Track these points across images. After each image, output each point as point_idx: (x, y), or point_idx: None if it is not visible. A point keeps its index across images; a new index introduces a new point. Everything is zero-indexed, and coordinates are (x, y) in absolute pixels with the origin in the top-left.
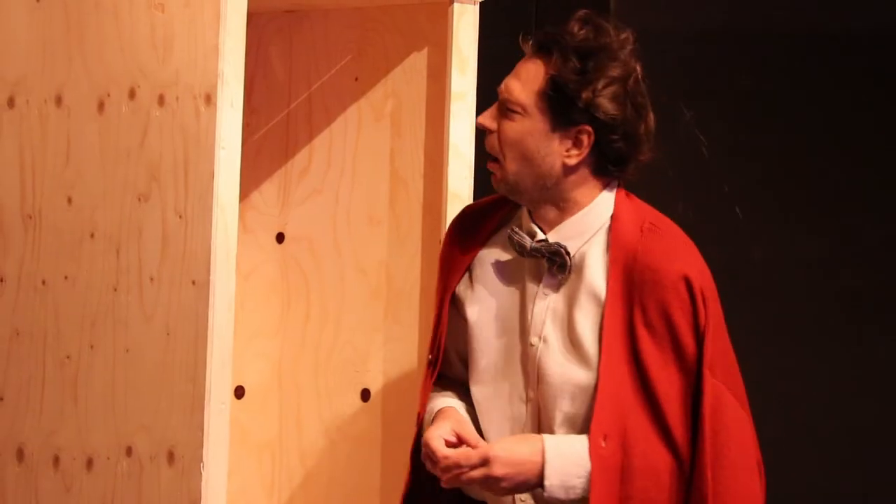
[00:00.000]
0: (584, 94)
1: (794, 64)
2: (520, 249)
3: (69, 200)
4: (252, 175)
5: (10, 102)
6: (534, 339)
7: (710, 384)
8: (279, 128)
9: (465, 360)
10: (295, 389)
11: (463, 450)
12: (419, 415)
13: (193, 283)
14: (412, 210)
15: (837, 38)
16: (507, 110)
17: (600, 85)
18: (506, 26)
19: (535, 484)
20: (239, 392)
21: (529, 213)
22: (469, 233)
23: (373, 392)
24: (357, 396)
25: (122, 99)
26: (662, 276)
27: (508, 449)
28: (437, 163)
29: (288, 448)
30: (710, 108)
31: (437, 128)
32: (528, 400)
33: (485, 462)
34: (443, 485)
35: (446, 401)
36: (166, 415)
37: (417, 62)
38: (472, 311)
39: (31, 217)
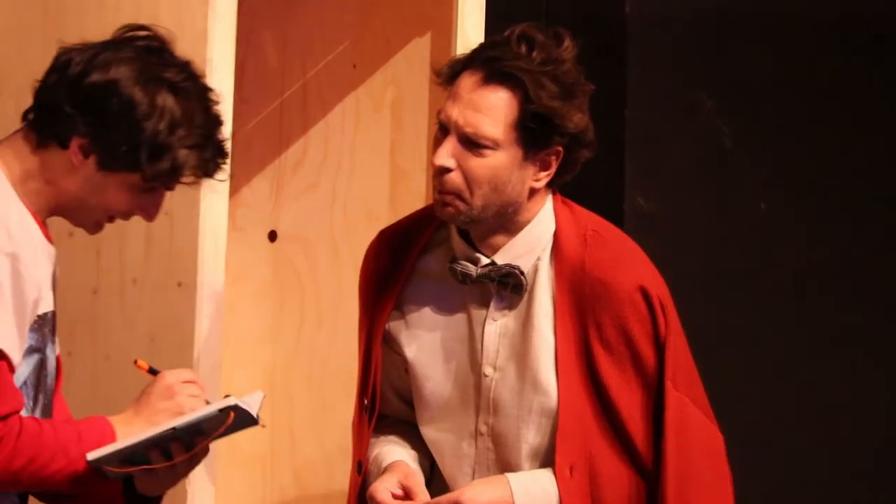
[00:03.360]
0: (567, 118)
1: (826, 47)
2: (463, 279)
3: None
4: (243, 169)
5: None
6: (487, 370)
7: (673, 397)
8: (272, 118)
9: (405, 399)
10: (288, 400)
11: (429, 500)
12: (359, 462)
13: (179, 285)
14: (414, 206)
15: (873, 19)
16: (474, 146)
17: (576, 103)
18: (514, 10)
19: None
20: None
21: (464, 236)
22: (392, 260)
23: None
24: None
25: None
26: (615, 288)
27: (479, 494)
28: None
29: (280, 463)
30: (732, 95)
31: None
32: (478, 434)
33: None
34: None
35: (391, 449)
36: None
37: (420, 48)
38: (411, 349)
39: None
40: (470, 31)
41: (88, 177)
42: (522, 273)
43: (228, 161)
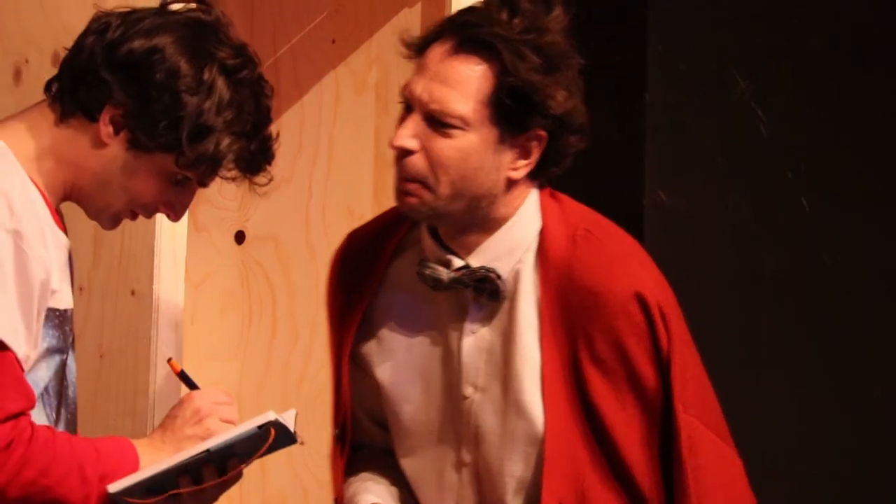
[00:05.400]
0: (549, 95)
1: (881, 17)
2: (434, 284)
3: None
4: None
5: None
6: (467, 390)
7: (684, 421)
8: None
9: (382, 425)
10: None
11: None
12: (335, 501)
13: (133, 293)
14: None
15: None
16: (440, 125)
17: (561, 79)
18: None
19: None
20: None
21: (435, 236)
22: (360, 268)
23: None
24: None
25: (44, 66)
26: (607, 297)
27: None
28: None
29: (249, 496)
30: (769, 76)
31: None
32: (461, 465)
33: None
34: None
35: (368, 490)
36: None
37: (409, 21)
38: (383, 370)
39: None
40: (465, 1)
41: (116, 156)
42: (500, 277)
43: (273, 163)
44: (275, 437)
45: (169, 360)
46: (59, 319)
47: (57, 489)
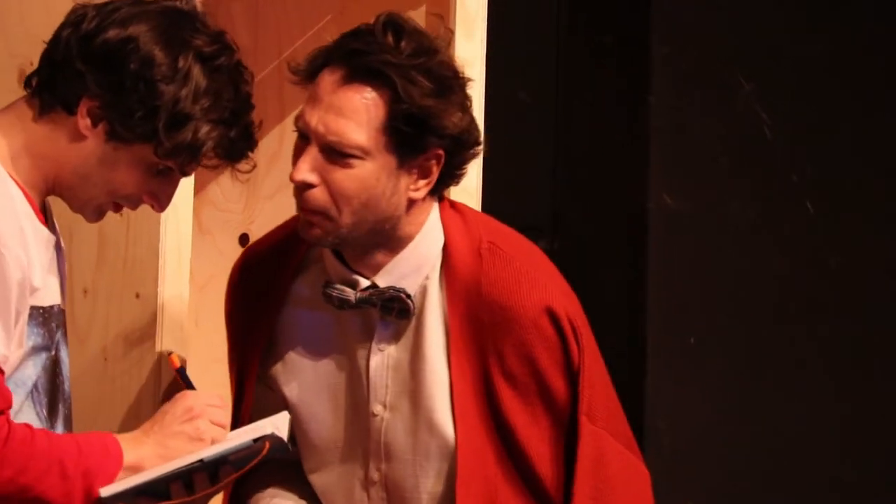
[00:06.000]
0: (444, 117)
1: (886, 18)
2: (340, 304)
3: None
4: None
5: None
6: (376, 408)
7: (589, 431)
8: None
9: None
10: None
11: None
12: None
13: (137, 296)
14: None
15: None
16: (338, 156)
17: (454, 99)
18: None
19: None
20: None
21: (338, 255)
22: (261, 286)
23: None
24: None
25: None
26: (517, 312)
27: None
28: None
29: None
30: (774, 78)
31: None
32: (370, 483)
33: None
34: None
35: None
36: None
37: None
38: (290, 389)
39: None
40: (470, 4)
41: (96, 149)
42: (409, 296)
43: (255, 150)
44: (270, 448)
45: (169, 355)
46: (43, 317)
47: (36, 487)
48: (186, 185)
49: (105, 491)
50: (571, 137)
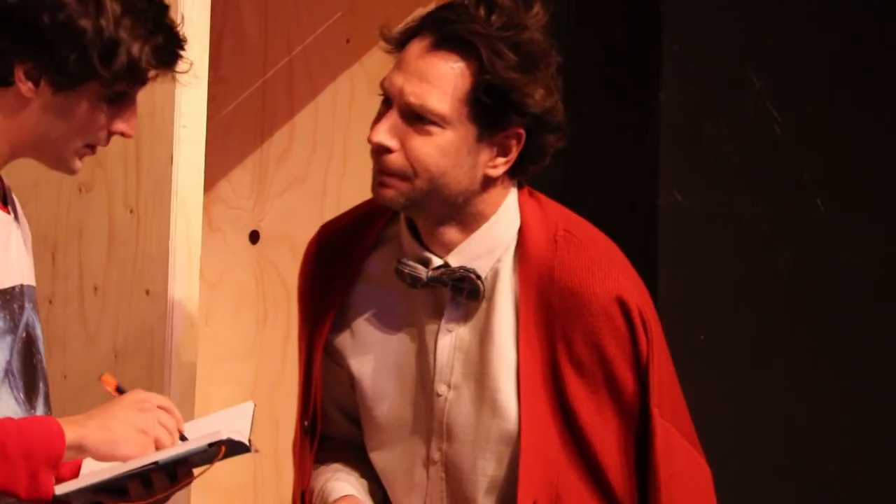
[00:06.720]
0: (526, 92)
1: (888, 22)
2: (412, 282)
3: None
4: (219, 159)
5: None
6: (441, 388)
7: (660, 426)
8: (253, 101)
9: (352, 417)
10: (273, 424)
11: None
12: (301, 493)
13: (147, 293)
14: None
15: None
16: (418, 122)
17: (539, 77)
18: None
19: None
20: None
21: (415, 233)
22: (335, 261)
23: None
24: None
25: None
26: (588, 299)
27: None
28: None
29: (264, 496)
30: (785, 75)
31: None
32: (430, 462)
33: None
34: None
35: (339, 480)
36: None
37: None
38: (357, 363)
39: None
40: None
41: (46, 104)
42: (479, 277)
43: (186, 48)
44: (227, 451)
45: (100, 378)
46: (3, 299)
47: None
48: (196, 182)
49: (60, 489)
50: (582, 134)
